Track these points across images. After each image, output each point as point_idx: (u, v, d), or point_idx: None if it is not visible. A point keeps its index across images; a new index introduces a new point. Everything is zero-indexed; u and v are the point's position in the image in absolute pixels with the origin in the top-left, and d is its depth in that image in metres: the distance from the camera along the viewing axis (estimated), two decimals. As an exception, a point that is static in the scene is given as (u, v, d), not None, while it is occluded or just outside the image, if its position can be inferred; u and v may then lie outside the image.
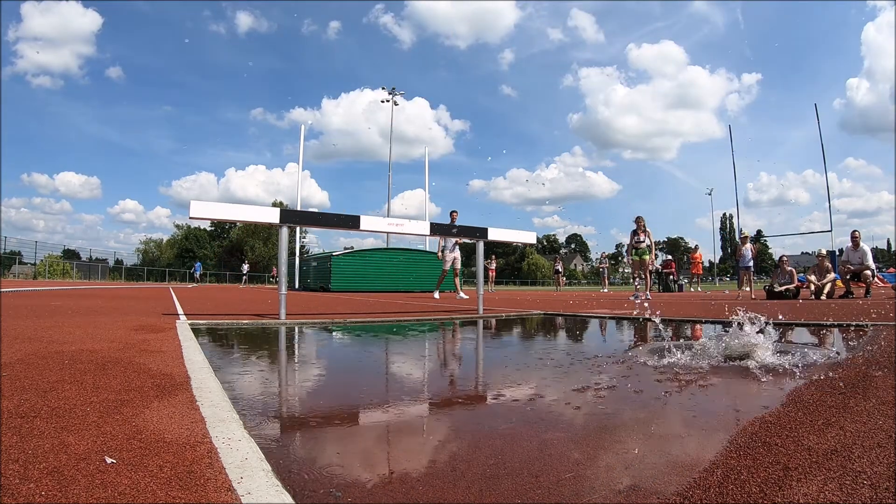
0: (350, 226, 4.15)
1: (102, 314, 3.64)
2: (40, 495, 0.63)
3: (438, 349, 2.44)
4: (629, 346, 2.40)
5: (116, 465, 0.73)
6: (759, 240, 38.42)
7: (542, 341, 2.77)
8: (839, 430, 0.91)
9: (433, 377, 1.61)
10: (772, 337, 1.77)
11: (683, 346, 1.87)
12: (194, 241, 49.35)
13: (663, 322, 3.29)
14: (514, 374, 1.60)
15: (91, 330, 2.49)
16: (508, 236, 5.22)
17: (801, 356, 1.77)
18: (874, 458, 0.77)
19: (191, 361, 1.62)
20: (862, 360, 1.73)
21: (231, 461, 0.75)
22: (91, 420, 0.95)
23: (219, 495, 0.64)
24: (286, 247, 3.77)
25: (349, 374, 1.63)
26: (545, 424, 1.01)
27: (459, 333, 3.13)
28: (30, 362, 1.52)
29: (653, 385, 1.36)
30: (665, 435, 0.94)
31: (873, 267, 8.71)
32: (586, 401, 1.20)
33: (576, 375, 1.53)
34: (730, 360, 1.70)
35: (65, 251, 34.66)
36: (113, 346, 1.95)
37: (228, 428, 0.92)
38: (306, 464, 0.79)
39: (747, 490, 0.67)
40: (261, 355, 2.01)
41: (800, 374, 1.46)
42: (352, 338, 2.75)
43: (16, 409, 1.00)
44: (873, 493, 0.65)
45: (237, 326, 3.15)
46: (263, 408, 1.15)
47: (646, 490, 0.67)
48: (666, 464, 0.78)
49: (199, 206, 3.33)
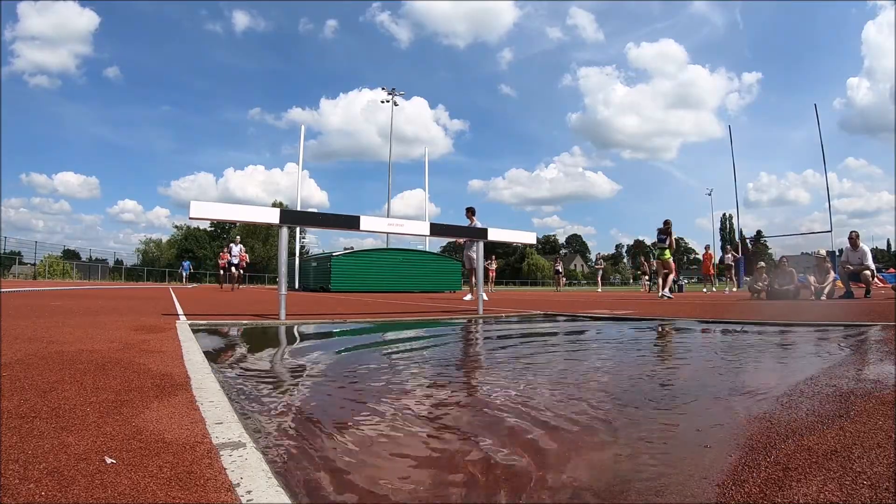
0: (350, 226, 4.15)
1: (102, 314, 3.63)
2: (40, 495, 0.63)
3: (438, 349, 2.44)
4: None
5: (116, 465, 0.73)
6: (759, 240, 38.46)
7: (537, 344, 2.77)
8: (839, 430, 0.91)
9: (432, 377, 1.61)
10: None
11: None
12: (194, 241, 49.35)
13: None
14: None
15: (91, 330, 2.49)
16: (508, 237, 5.22)
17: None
18: (874, 458, 0.77)
19: (191, 361, 1.62)
20: (862, 360, 1.73)
21: (231, 462, 0.75)
22: (91, 420, 0.95)
23: (219, 496, 0.64)
24: (286, 247, 3.77)
25: (349, 375, 1.63)
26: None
27: (459, 333, 3.13)
28: (30, 362, 1.52)
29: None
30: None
31: (873, 267, 8.71)
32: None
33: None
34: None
35: (65, 251, 34.67)
36: (113, 346, 1.95)
37: (228, 428, 0.92)
38: (306, 464, 0.79)
39: (747, 490, 0.67)
40: (261, 355, 2.01)
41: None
42: (351, 338, 2.75)
43: (16, 410, 1.00)
44: (873, 493, 0.65)
45: (237, 326, 3.15)
46: (263, 408, 1.15)
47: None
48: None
49: (199, 206, 3.33)
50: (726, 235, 51.01)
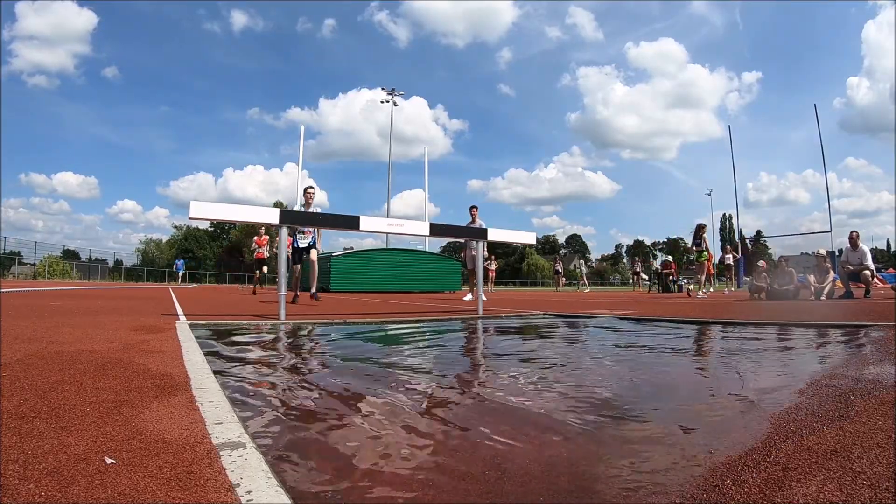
0: (350, 226, 4.15)
1: (102, 314, 3.63)
2: (40, 495, 0.63)
3: (437, 349, 2.44)
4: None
5: (116, 465, 0.73)
6: (759, 240, 38.49)
7: (535, 342, 2.77)
8: (839, 431, 0.91)
9: (433, 378, 1.61)
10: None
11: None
12: (194, 241, 49.33)
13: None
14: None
15: (91, 330, 2.49)
16: (508, 237, 5.22)
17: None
18: (874, 458, 0.77)
19: (190, 362, 1.62)
20: (862, 360, 1.74)
21: (231, 462, 0.75)
22: (91, 420, 0.95)
23: (218, 496, 0.64)
24: (286, 247, 3.77)
25: (349, 375, 1.63)
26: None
27: (458, 334, 3.13)
28: (29, 363, 1.52)
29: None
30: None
31: (872, 267, 8.72)
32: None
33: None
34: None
35: (64, 251, 34.66)
36: (112, 346, 1.95)
37: (228, 428, 0.92)
38: (306, 465, 0.79)
39: (747, 490, 0.67)
40: (261, 356, 2.01)
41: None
42: (351, 337, 2.75)
43: (15, 410, 1.00)
44: (873, 493, 0.65)
45: (237, 326, 3.15)
46: (263, 408, 1.15)
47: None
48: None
49: (199, 206, 3.32)
50: (726, 235, 51.01)
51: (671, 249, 63.38)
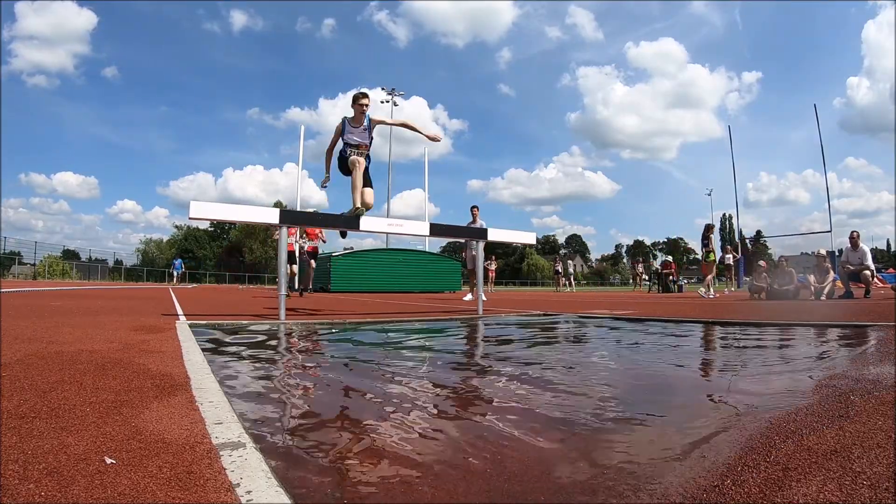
0: (350, 226, 4.16)
1: (102, 314, 3.63)
2: (40, 495, 0.63)
3: (437, 349, 2.44)
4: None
5: (116, 465, 0.73)
6: (759, 240, 38.48)
7: (540, 344, 2.77)
8: (839, 431, 0.91)
9: (431, 376, 1.61)
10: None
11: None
12: (194, 241, 49.31)
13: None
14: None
15: (91, 330, 2.49)
16: (508, 237, 5.22)
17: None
18: (874, 458, 0.77)
19: (190, 362, 1.62)
20: (862, 361, 1.73)
21: (231, 462, 0.75)
22: (90, 420, 0.95)
23: (218, 496, 0.64)
24: (286, 247, 3.77)
25: (349, 374, 1.63)
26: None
27: (458, 334, 3.13)
28: (29, 363, 1.52)
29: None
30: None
31: (873, 267, 8.71)
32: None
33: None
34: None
35: (64, 251, 34.63)
36: (112, 346, 1.95)
37: (228, 428, 0.92)
38: (306, 464, 0.79)
39: (747, 490, 0.67)
40: (261, 356, 2.01)
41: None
42: (351, 337, 2.75)
43: (15, 410, 1.00)
44: (873, 493, 0.65)
45: (237, 326, 3.14)
46: (263, 408, 1.15)
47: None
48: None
49: (199, 206, 3.33)
50: (726, 235, 50.98)
51: (671, 249, 63.40)
